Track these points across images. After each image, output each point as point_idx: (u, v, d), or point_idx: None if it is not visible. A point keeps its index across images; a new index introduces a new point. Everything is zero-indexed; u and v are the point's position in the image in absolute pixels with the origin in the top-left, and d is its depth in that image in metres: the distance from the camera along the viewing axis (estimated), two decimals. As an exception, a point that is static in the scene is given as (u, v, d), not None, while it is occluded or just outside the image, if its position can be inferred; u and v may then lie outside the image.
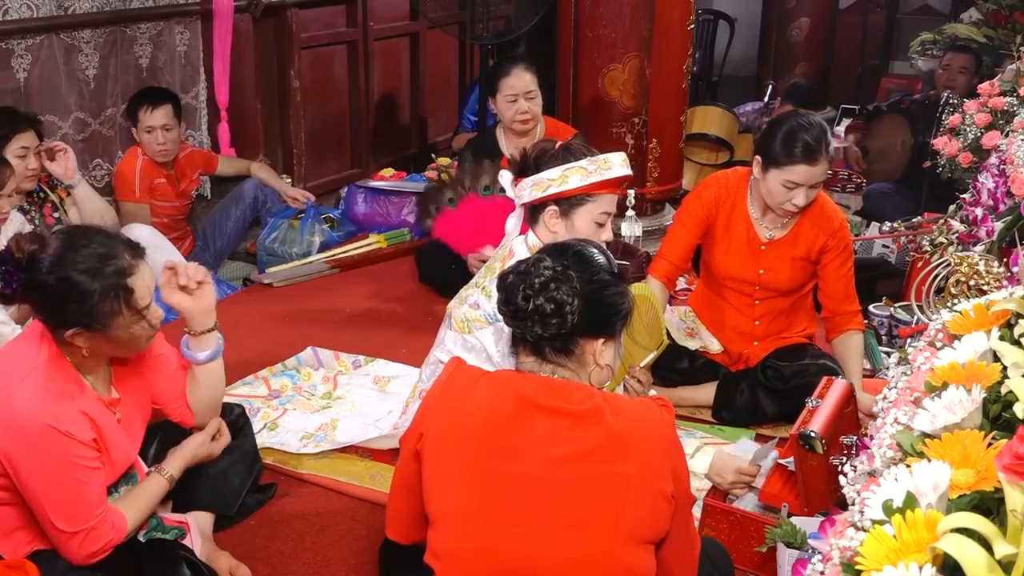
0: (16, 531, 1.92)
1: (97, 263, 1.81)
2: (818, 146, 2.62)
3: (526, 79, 3.53)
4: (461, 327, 2.42)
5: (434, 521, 1.57)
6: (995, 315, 1.24)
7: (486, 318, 2.37)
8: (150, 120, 3.77)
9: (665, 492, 1.50)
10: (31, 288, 1.81)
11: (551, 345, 1.61)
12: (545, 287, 1.57)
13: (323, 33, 4.87)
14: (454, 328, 2.44)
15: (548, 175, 2.34)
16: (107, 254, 1.83)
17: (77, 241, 1.83)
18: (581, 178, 2.32)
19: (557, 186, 2.33)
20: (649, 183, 4.59)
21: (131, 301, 1.84)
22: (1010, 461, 0.91)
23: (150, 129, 3.77)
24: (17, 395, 1.80)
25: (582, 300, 1.58)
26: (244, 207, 4.22)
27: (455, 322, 2.45)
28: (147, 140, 3.78)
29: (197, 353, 2.15)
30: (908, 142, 4.78)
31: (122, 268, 1.83)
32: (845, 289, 2.87)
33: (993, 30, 5.58)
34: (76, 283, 1.79)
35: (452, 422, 1.57)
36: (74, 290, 1.79)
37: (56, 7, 3.55)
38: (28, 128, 3.16)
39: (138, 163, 3.80)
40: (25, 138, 3.13)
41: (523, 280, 1.59)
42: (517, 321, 1.60)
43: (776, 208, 2.77)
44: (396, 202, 4.62)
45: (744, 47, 7.72)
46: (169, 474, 2.09)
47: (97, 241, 1.85)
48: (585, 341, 1.61)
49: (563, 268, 1.60)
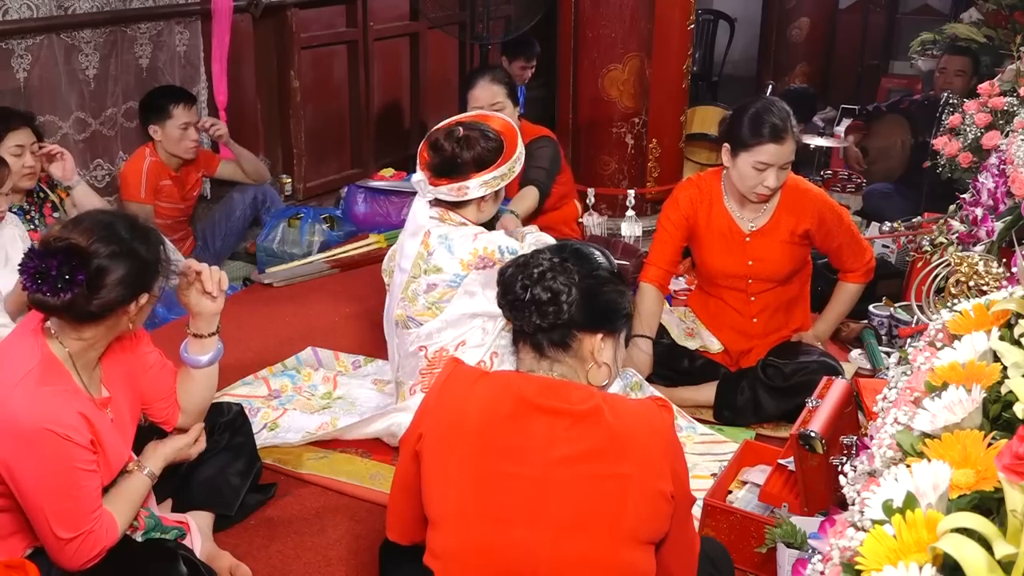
0: (12, 535, 1.90)
1: (138, 227, 1.88)
2: (784, 125, 2.71)
3: (493, 91, 3.44)
4: (432, 314, 2.58)
5: (433, 522, 1.56)
6: (995, 315, 1.24)
7: (449, 285, 2.55)
8: (185, 117, 3.80)
9: (665, 492, 1.50)
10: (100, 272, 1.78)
11: (549, 338, 1.61)
12: (543, 276, 1.60)
13: (323, 33, 4.87)
14: (420, 323, 2.60)
15: (499, 173, 2.56)
16: (131, 218, 1.92)
17: (102, 218, 1.87)
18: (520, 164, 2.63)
19: (509, 178, 2.60)
20: (649, 183, 4.60)
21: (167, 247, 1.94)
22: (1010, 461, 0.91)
23: (185, 126, 3.80)
24: (13, 398, 1.76)
25: (580, 292, 1.60)
26: (244, 207, 4.21)
27: (421, 316, 2.60)
28: (177, 136, 3.80)
29: (199, 357, 2.15)
30: (908, 142, 4.78)
31: (148, 225, 1.94)
32: (848, 249, 2.95)
33: (993, 30, 5.57)
34: (136, 249, 1.84)
35: (451, 423, 1.57)
36: (139, 256, 1.84)
37: (56, 7, 3.55)
38: (22, 126, 3.13)
39: (145, 164, 3.79)
40: (19, 136, 3.10)
41: (521, 271, 1.62)
42: (515, 312, 1.62)
43: (749, 193, 2.81)
44: (396, 202, 4.62)
45: (744, 47, 7.72)
46: (149, 470, 2.06)
47: (115, 213, 1.94)
48: (583, 335, 1.61)
49: (561, 260, 1.63)
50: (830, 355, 2.95)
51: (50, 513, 1.78)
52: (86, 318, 1.83)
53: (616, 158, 4.47)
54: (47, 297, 1.75)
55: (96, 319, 1.83)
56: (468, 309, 2.56)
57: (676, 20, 4.42)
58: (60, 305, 1.77)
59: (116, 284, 1.80)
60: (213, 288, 2.08)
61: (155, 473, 2.08)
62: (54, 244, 1.77)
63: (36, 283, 1.75)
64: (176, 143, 3.82)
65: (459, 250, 2.53)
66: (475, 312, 2.57)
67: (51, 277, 1.74)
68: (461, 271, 2.54)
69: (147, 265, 1.86)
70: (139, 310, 1.89)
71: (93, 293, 1.78)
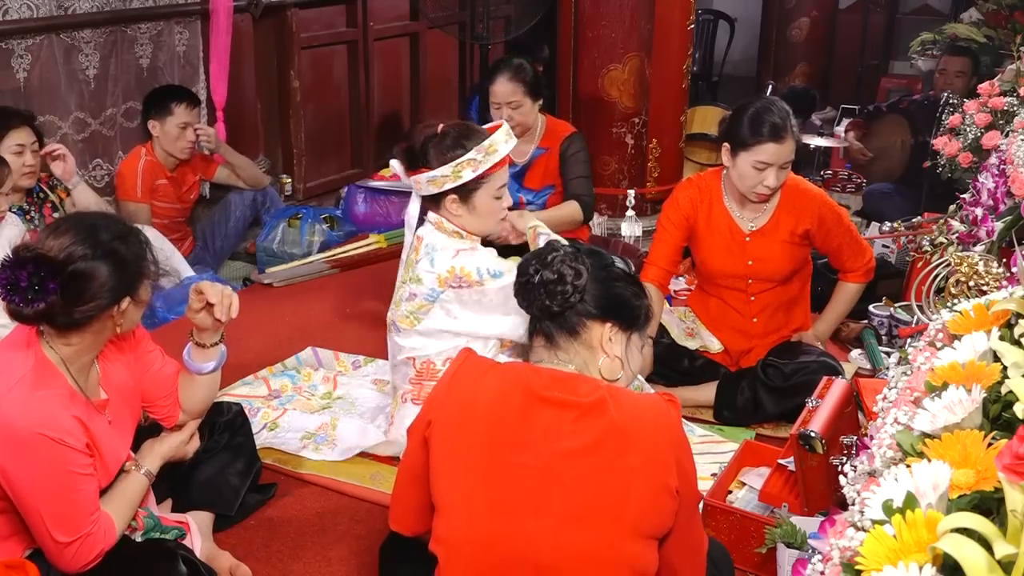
0: (11, 537, 1.89)
1: (119, 229, 1.85)
2: (784, 124, 2.71)
3: (509, 88, 3.45)
4: (409, 323, 2.52)
5: (439, 509, 1.58)
6: (995, 315, 1.24)
7: (426, 299, 2.48)
8: (186, 116, 3.80)
9: (669, 487, 1.51)
10: (74, 279, 1.76)
11: (558, 324, 1.64)
12: (555, 260, 1.64)
13: (323, 33, 4.87)
14: (403, 330, 2.54)
15: (441, 172, 2.44)
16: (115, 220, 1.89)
17: (85, 221, 1.84)
18: (472, 171, 2.43)
19: (452, 182, 2.44)
20: (649, 183, 4.60)
21: (151, 248, 1.91)
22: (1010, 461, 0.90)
23: (184, 125, 3.80)
24: (7, 404, 1.75)
25: (590, 279, 1.64)
26: (244, 207, 4.22)
27: (401, 323, 2.54)
28: (175, 135, 3.80)
29: (202, 365, 2.14)
30: (908, 142, 4.78)
31: (130, 225, 1.90)
32: (848, 249, 2.95)
33: (993, 30, 5.58)
34: (115, 251, 1.81)
35: (461, 412, 1.58)
36: (118, 259, 1.81)
37: (56, 7, 3.55)
38: (22, 125, 3.15)
39: (140, 163, 3.80)
40: (19, 135, 3.13)
41: (536, 257, 1.67)
42: (526, 294, 1.66)
43: (749, 193, 2.82)
44: (396, 202, 4.62)
45: (744, 47, 7.72)
46: (146, 470, 2.06)
47: (95, 216, 1.90)
48: (592, 323, 1.64)
49: (576, 251, 1.68)
50: (830, 355, 2.95)
51: (47, 517, 1.78)
52: (68, 326, 1.81)
53: (616, 158, 4.47)
54: (20, 307, 1.74)
55: (78, 326, 1.81)
56: (448, 326, 2.48)
57: (676, 20, 4.42)
58: (35, 315, 1.76)
59: (96, 289, 1.78)
60: (223, 315, 2.06)
61: (152, 472, 2.08)
62: (23, 254, 1.74)
63: (8, 294, 1.73)
64: (173, 141, 3.82)
65: (439, 264, 2.45)
66: (458, 331, 2.48)
67: (21, 288, 1.72)
68: (437, 287, 2.45)
69: (127, 268, 1.83)
70: (122, 313, 1.86)
71: (71, 300, 1.76)
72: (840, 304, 3.06)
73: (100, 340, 1.91)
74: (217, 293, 2.05)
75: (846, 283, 3.04)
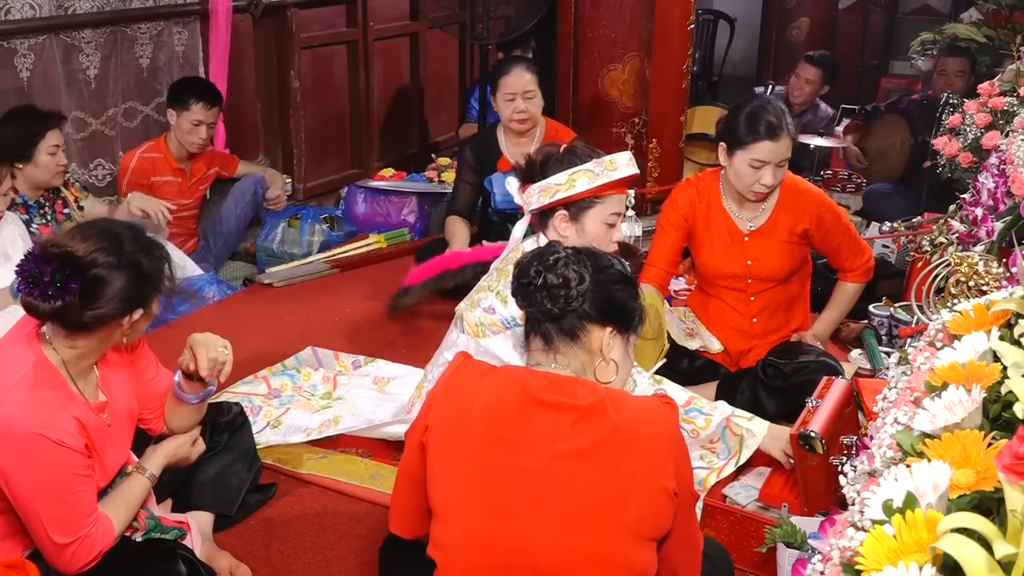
0: (10, 537, 1.89)
1: (144, 242, 1.86)
2: (779, 122, 2.72)
3: (525, 79, 3.56)
4: (476, 331, 2.44)
5: (437, 513, 1.58)
6: (995, 315, 1.24)
7: (503, 323, 2.40)
8: (202, 115, 3.82)
9: (668, 489, 1.51)
10: (94, 283, 1.76)
11: (558, 327, 1.63)
12: (556, 263, 1.63)
13: (323, 33, 4.87)
14: (467, 332, 2.46)
15: (555, 180, 2.35)
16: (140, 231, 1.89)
17: (111, 229, 1.85)
18: (588, 181, 2.34)
19: (565, 191, 2.35)
20: (649, 183, 4.59)
21: (171, 264, 1.92)
22: (1010, 461, 0.91)
23: (198, 122, 3.82)
24: (6, 404, 1.75)
25: (592, 283, 1.63)
26: (244, 205, 4.20)
27: (468, 326, 2.47)
28: (187, 129, 3.82)
29: (189, 396, 2.12)
30: (907, 142, 4.78)
31: (152, 237, 1.91)
32: (846, 248, 2.96)
33: (993, 30, 5.57)
34: (137, 263, 1.82)
35: (457, 415, 1.58)
36: (138, 271, 1.82)
37: (56, 7, 3.56)
38: (56, 125, 3.29)
39: (132, 163, 3.82)
40: (55, 136, 3.27)
41: (537, 258, 1.66)
42: (527, 296, 1.64)
43: (746, 192, 2.82)
44: (396, 202, 4.62)
45: (744, 47, 7.72)
46: (150, 472, 2.06)
47: (123, 225, 1.90)
48: (592, 327, 1.63)
49: (576, 252, 1.67)
50: (830, 355, 2.95)
51: (45, 518, 1.77)
52: (77, 327, 1.81)
53: (616, 158, 4.46)
54: (38, 302, 1.74)
55: (88, 329, 1.82)
56: (509, 359, 2.32)
57: (676, 20, 4.42)
58: (50, 311, 1.76)
59: (111, 296, 1.78)
60: (205, 375, 2.03)
61: (155, 475, 2.08)
62: (50, 250, 1.75)
63: (28, 287, 1.74)
64: (185, 135, 3.85)
65: None
66: (504, 362, 2.31)
67: (43, 283, 1.72)
68: (518, 319, 2.19)
69: (146, 280, 1.84)
70: (132, 325, 1.86)
71: (86, 303, 1.76)
72: (839, 304, 3.06)
73: (104, 347, 1.91)
74: (204, 359, 2.02)
75: (845, 283, 3.04)
